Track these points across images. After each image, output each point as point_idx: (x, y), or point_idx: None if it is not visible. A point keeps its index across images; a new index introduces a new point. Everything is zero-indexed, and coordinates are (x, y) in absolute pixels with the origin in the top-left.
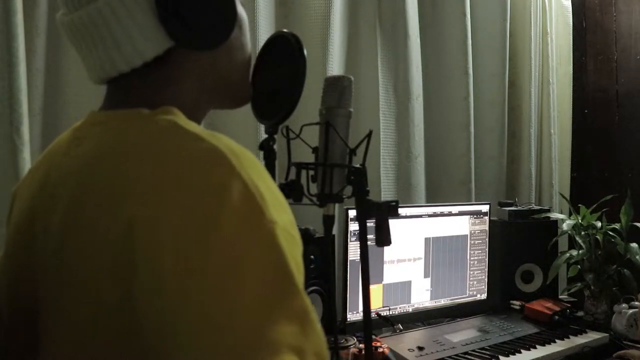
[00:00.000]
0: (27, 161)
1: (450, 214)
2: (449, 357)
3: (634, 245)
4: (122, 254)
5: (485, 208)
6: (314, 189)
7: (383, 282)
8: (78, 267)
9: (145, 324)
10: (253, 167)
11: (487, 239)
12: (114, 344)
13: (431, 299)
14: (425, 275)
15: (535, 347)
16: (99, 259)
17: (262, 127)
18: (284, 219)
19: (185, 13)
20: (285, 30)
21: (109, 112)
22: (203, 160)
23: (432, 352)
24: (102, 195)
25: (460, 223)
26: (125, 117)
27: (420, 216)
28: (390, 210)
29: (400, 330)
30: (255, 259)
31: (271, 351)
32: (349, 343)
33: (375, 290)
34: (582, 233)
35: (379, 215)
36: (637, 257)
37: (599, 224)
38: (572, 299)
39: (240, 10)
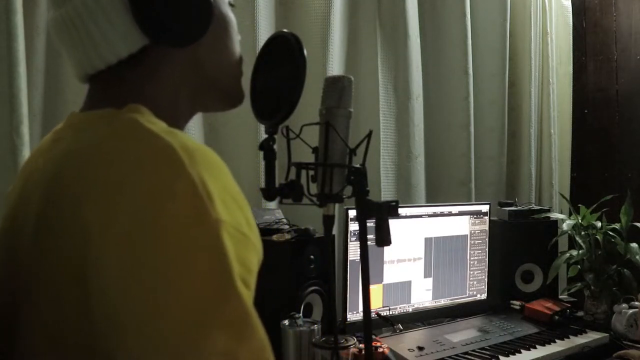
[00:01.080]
0: None
1: (450, 214)
2: (449, 357)
3: (634, 245)
4: (79, 257)
5: (485, 208)
6: (314, 189)
7: (383, 282)
8: (44, 269)
9: (100, 327)
10: (207, 163)
11: (487, 239)
12: (78, 350)
13: (431, 299)
14: (425, 275)
15: (535, 347)
16: (60, 261)
17: (262, 127)
18: (236, 217)
19: (157, 10)
20: (285, 30)
21: (84, 114)
22: (153, 160)
23: (432, 352)
24: (63, 200)
25: (460, 223)
26: (93, 118)
27: (420, 216)
28: (390, 210)
29: (400, 330)
30: (196, 260)
31: (201, 358)
32: (349, 343)
33: (375, 290)
34: (582, 233)
35: (379, 215)
36: (637, 257)
37: (599, 224)
38: (572, 299)
39: (226, 10)
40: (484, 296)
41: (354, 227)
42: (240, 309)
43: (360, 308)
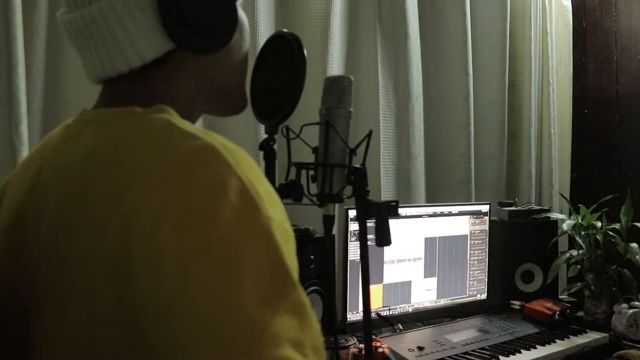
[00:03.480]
0: None
1: (450, 214)
2: (449, 357)
3: (634, 245)
4: (119, 251)
5: (485, 208)
6: (314, 189)
7: (383, 282)
8: (73, 265)
9: (144, 322)
10: (247, 164)
11: (487, 239)
12: (111, 345)
13: (431, 299)
14: (425, 275)
15: (535, 347)
16: (95, 256)
17: (262, 127)
18: (278, 215)
19: (187, 16)
20: (285, 30)
21: (103, 110)
22: (200, 157)
23: (432, 352)
24: (99, 193)
25: (460, 223)
26: (119, 115)
27: (420, 216)
28: (390, 210)
29: (400, 330)
30: (254, 255)
31: (273, 344)
32: (349, 343)
33: (375, 290)
34: (582, 233)
35: (379, 215)
36: (637, 257)
37: (599, 224)
38: (572, 299)
39: (241, 13)
40: (484, 296)
41: (354, 227)
42: (299, 298)
43: (360, 308)
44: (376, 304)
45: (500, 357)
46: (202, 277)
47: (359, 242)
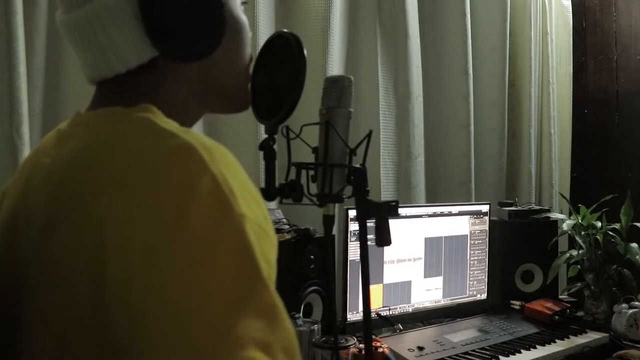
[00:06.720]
0: None
1: (450, 214)
2: (449, 357)
3: (634, 245)
4: (95, 252)
5: (485, 208)
6: (314, 189)
7: (383, 282)
8: (55, 267)
9: (117, 322)
10: (225, 161)
11: (487, 239)
12: (86, 346)
13: (431, 299)
14: (425, 275)
15: (535, 347)
16: (74, 258)
17: (262, 127)
18: (256, 213)
19: (170, 25)
20: (285, 30)
21: (91, 113)
22: (174, 156)
23: (432, 352)
24: (76, 195)
25: (460, 223)
26: (104, 116)
27: (420, 216)
28: (390, 210)
29: (400, 330)
30: (223, 254)
31: (237, 346)
32: (349, 343)
33: (375, 290)
34: (582, 233)
35: (379, 215)
36: (637, 257)
37: (599, 224)
38: (572, 299)
39: (238, 14)
40: (484, 296)
41: (354, 227)
42: (269, 300)
43: (360, 308)
44: (376, 304)
45: (500, 357)
46: (170, 278)
47: (359, 242)
